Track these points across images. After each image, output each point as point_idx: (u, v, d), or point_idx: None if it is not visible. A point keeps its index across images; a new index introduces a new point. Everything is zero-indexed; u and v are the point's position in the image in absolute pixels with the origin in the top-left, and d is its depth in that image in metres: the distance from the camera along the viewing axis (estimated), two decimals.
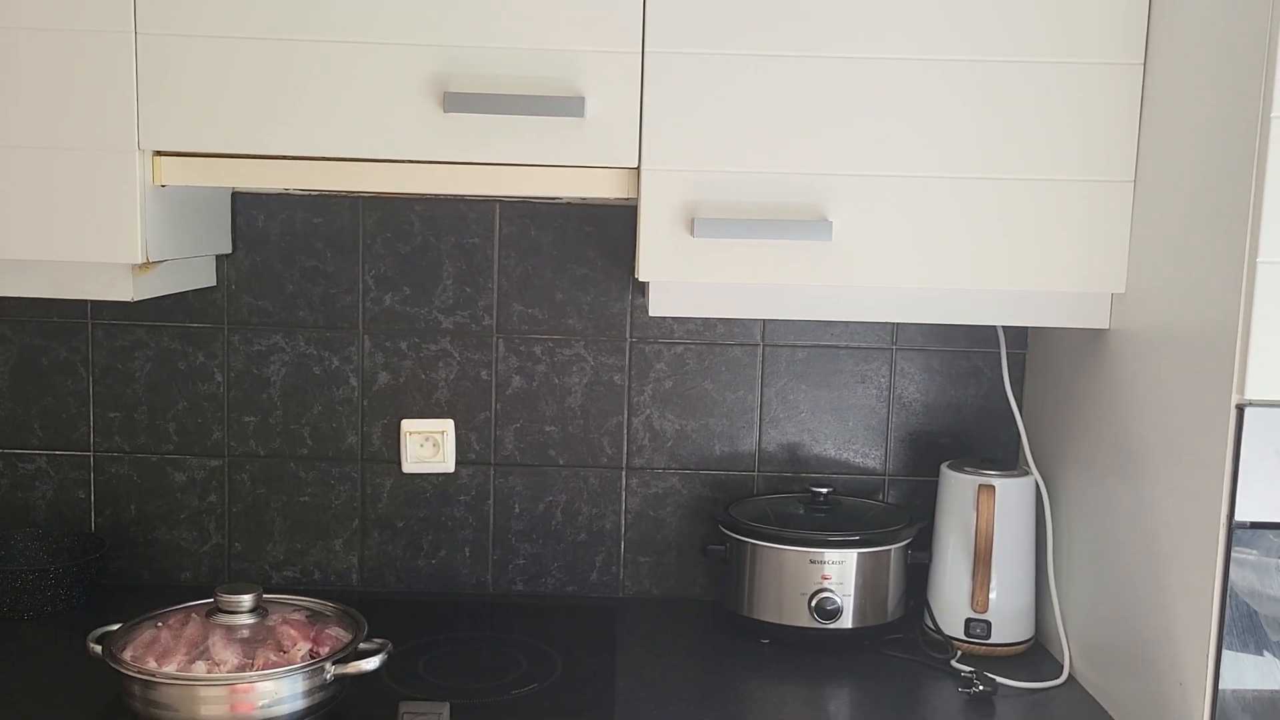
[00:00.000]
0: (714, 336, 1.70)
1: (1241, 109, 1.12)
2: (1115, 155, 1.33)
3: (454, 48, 1.29)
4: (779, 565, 1.53)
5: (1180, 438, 1.22)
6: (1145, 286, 1.31)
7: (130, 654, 1.25)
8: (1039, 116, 1.32)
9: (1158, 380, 1.27)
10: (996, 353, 1.68)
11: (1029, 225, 1.34)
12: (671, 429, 1.71)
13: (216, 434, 1.70)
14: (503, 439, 1.71)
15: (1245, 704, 1.15)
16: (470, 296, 1.68)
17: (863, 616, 1.53)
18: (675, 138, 1.31)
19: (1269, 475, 1.12)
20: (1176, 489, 1.22)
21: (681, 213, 1.32)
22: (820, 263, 1.33)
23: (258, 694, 1.21)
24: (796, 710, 1.36)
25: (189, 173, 1.33)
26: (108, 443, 1.69)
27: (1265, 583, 1.13)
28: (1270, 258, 1.09)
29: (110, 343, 1.68)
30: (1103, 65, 1.31)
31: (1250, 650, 1.14)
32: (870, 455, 1.72)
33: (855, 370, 1.71)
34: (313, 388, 1.69)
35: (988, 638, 1.53)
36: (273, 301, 1.68)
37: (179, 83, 1.29)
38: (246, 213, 1.67)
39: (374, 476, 1.71)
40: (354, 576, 1.73)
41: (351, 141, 1.31)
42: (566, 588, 1.73)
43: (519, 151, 1.31)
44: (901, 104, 1.31)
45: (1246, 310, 1.10)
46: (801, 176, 1.32)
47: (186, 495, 1.71)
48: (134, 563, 1.72)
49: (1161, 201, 1.28)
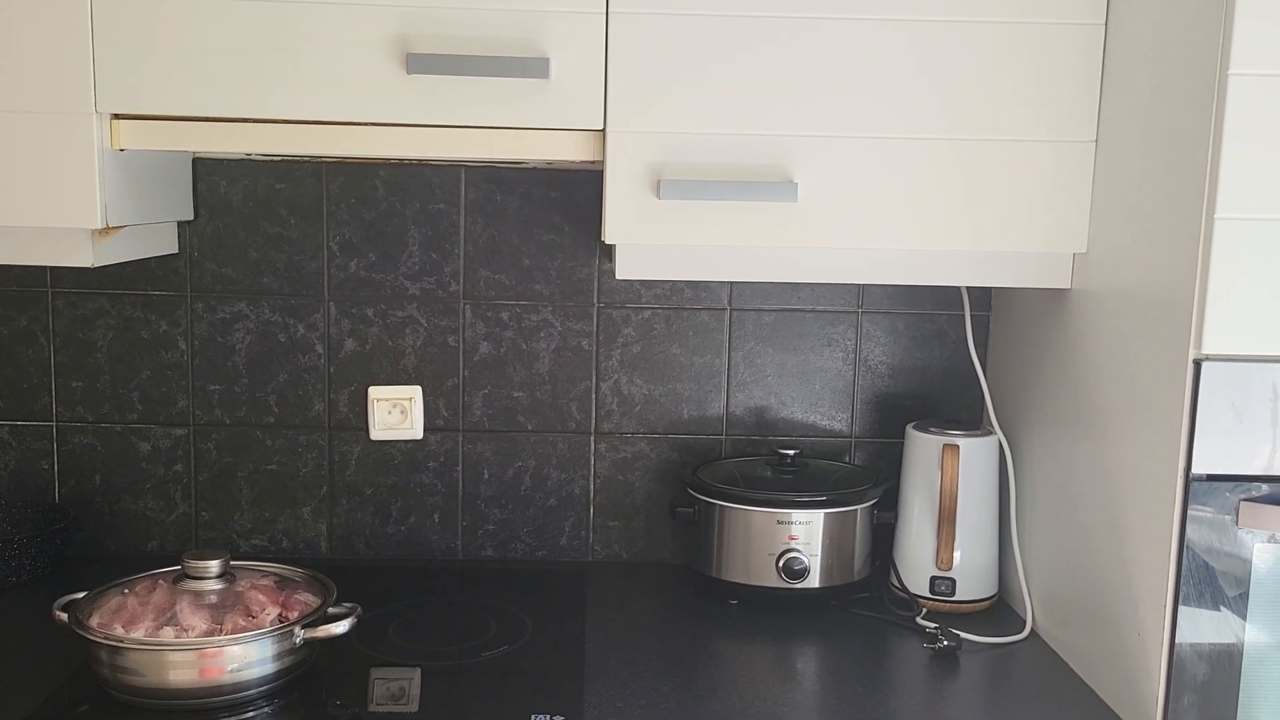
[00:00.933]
0: (681, 301, 1.70)
1: (1200, 67, 1.13)
2: (1077, 116, 1.34)
3: (417, 8, 1.28)
4: (747, 526, 1.55)
5: (1139, 394, 1.24)
6: (1106, 246, 1.33)
7: (97, 621, 1.24)
8: (1001, 77, 1.33)
9: (1118, 338, 1.29)
10: (960, 314, 1.70)
11: (992, 186, 1.35)
12: (639, 394, 1.72)
13: (181, 403, 1.68)
14: (471, 405, 1.71)
15: (1202, 654, 1.17)
16: (436, 263, 1.68)
17: (830, 576, 1.55)
18: (641, 99, 1.31)
19: (1225, 428, 1.14)
20: (1136, 444, 1.24)
21: (647, 175, 1.32)
22: (785, 224, 1.34)
23: (226, 658, 1.21)
24: (765, 669, 1.37)
25: (148, 136, 1.31)
26: (71, 413, 1.68)
27: (1221, 540, 1.16)
28: (1227, 214, 1.11)
29: (71, 311, 1.66)
30: (1064, 25, 1.32)
31: (1207, 605, 1.17)
32: (837, 417, 1.74)
33: (821, 333, 1.72)
34: (278, 355, 1.68)
35: (952, 595, 1.56)
36: (236, 268, 1.66)
37: (136, 44, 1.27)
38: (208, 178, 1.65)
39: (341, 444, 1.70)
40: (323, 544, 1.72)
41: (313, 104, 1.29)
42: (536, 553, 1.74)
43: (483, 114, 1.30)
44: (866, 66, 1.32)
45: (1204, 266, 1.12)
46: (767, 138, 1.32)
47: (152, 465, 1.70)
48: (99, 533, 1.70)
49: (1122, 161, 1.29)
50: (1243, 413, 1.14)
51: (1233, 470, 1.15)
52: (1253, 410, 1.14)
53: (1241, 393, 1.14)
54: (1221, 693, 1.17)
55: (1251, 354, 1.13)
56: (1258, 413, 1.14)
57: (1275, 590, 1.16)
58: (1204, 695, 1.17)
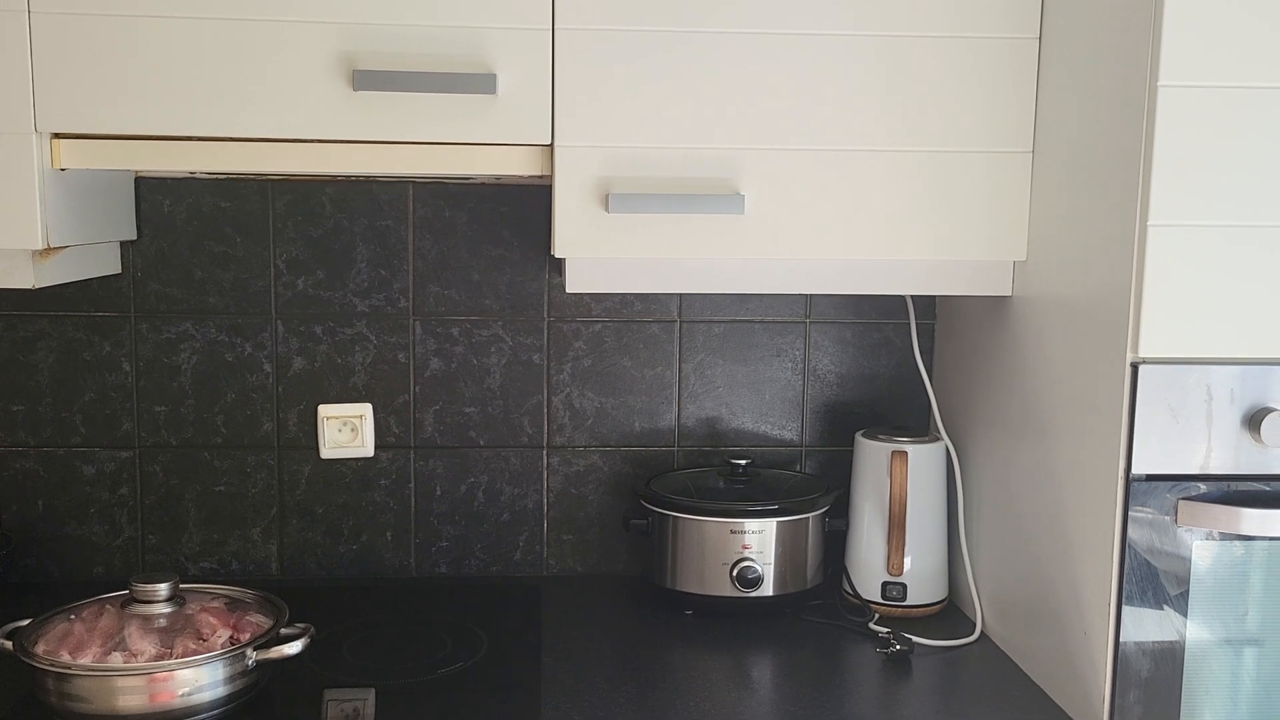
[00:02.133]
0: (631, 314, 1.71)
1: (1131, 79, 1.17)
2: (1014, 127, 1.37)
3: (363, 25, 1.28)
4: (700, 537, 1.56)
5: (1079, 398, 1.27)
6: (1045, 254, 1.36)
7: (43, 648, 1.22)
8: (941, 90, 1.36)
9: (1058, 343, 1.32)
10: (906, 323, 1.73)
11: (934, 196, 1.37)
12: (591, 407, 1.72)
13: (126, 425, 1.66)
14: (422, 421, 1.70)
15: (1146, 652, 1.20)
16: (385, 279, 1.67)
17: (783, 584, 1.56)
18: (588, 114, 1.32)
19: (1162, 429, 1.17)
20: (1077, 447, 1.27)
21: (596, 188, 1.33)
22: (733, 236, 1.35)
23: (177, 682, 1.19)
24: (721, 678, 1.38)
25: (89, 155, 1.29)
26: (11, 437, 1.65)
27: (1161, 539, 1.18)
28: (1159, 221, 1.14)
29: (11, 334, 1.63)
30: (1000, 39, 1.35)
31: (1150, 604, 1.19)
32: (787, 427, 1.75)
33: (770, 344, 1.74)
34: (225, 375, 1.67)
35: (904, 600, 1.58)
36: (181, 288, 1.65)
37: (76, 63, 1.26)
38: (151, 197, 1.63)
39: (291, 463, 1.69)
40: (273, 565, 1.71)
41: (258, 121, 1.29)
42: (490, 568, 1.74)
43: (431, 130, 1.30)
44: (809, 80, 1.34)
45: (1139, 272, 1.15)
46: (713, 151, 1.34)
47: (96, 489, 1.67)
48: (43, 559, 1.67)
49: (1058, 171, 1.32)
50: (1179, 413, 1.17)
51: (1171, 470, 1.18)
52: (1188, 411, 1.17)
53: (1178, 394, 1.17)
54: (1166, 688, 1.20)
55: (1186, 356, 1.17)
56: (1193, 413, 1.17)
57: (1214, 587, 1.19)
58: (1149, 691, 1.20)
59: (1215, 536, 1.18)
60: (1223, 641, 1.20)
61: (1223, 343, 1.16)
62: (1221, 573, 1.19)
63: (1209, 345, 1.16)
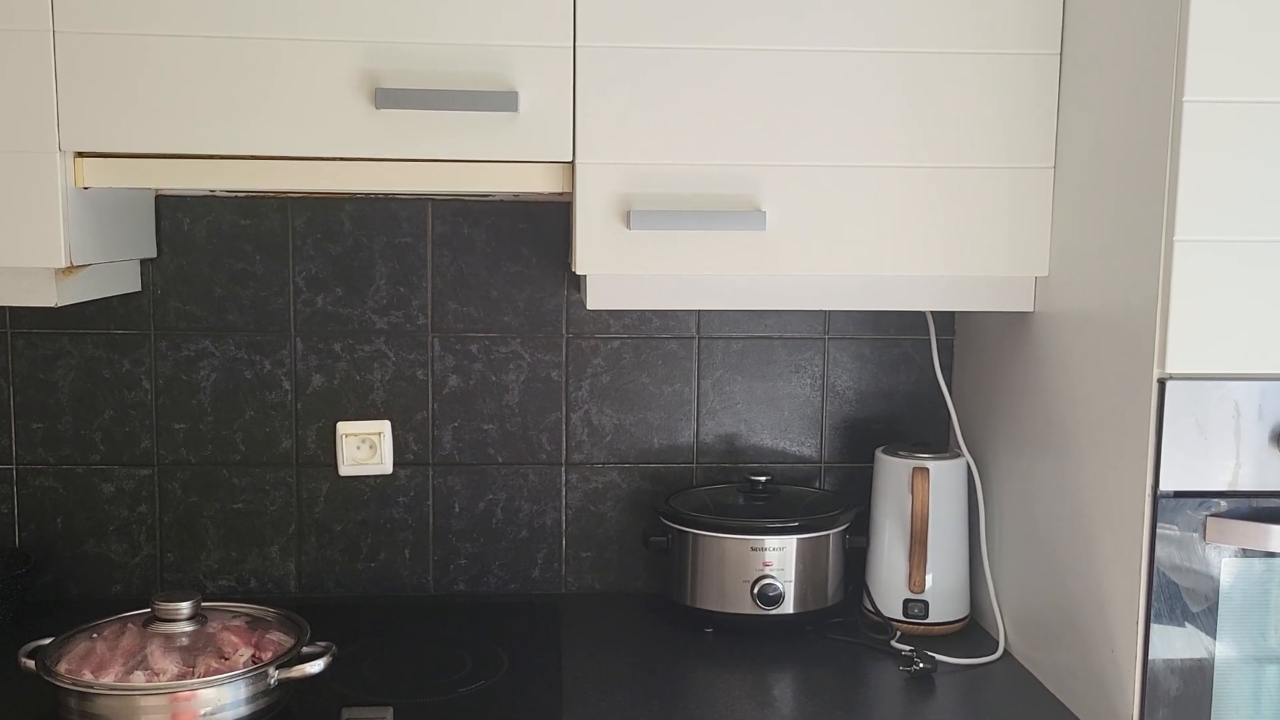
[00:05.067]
0: (650, 330, 1.71)
1: (1155, 93, 1.16)
2: (1035, 142, 1.37)
3: (385, 43, 1.28)
4: (720, 554, 1.55)
5: (1105, 414, 1.26)
6: (1067, 269, 1.35)
7: (65, 667, 1.22)
8: (962, 106, 1.35)
9: (1082, 359, 1.32)
10: (926, 339, 1.72)
11: (955, 212, 1.37)
12: (610, 424, 1.72)
13: (145, 442, 1.66)
14: (441, 439, 1.70)
15: (1174, 669, 1.19)
16: (404, 296, 1.67)
17: (804, 601, 1.55)
18: (609, 131, 1.32)
19: (1189, 446, 1.16)
20: (1103, 463, 1.26)
21: (617, 205, 1.33)
22: (754, 252, 1.35)
23: (200, 702, 1.19)
24: (742, 696, 1.37)
25: (112, 174, 1.30)
26: (31, 455, 1.65)
27: (1189, 556, 1.17)
28: (1186, 236, 1.14)
29: (31, 352, 1.63)
30: (1021, 55, 1.35)
31: (1177, 621, 1.18)
32: (806, 443, 1.75)
33: (789, 360, 1.73)
34: (244, 392, 1.67)
35: (925, 617, 1.57)
36: (200, 306, 1.65)
37: (100, 82, 1.26)
38: (171, 215, 1.63)
39: (310, 480, 1.69)
40: (292, 583, 1.70)
41: (279, 140, 1.29)
42: (509, 586, 1.73)
43: (452, 147, 1.30)
44: (831, 96, 1.34)
45: (1165, 287, 1.15)
46: (734, 168, 1.34)
47: (115, 506, 1.67)
48: (62, 577, 1.67)
49: (1081, 186, 1.32)
50: (1206, 430, 1.16)
51: (1198, 487, 1.17)
52: (1216, 427, 1.16)
53: (1205, 410, 1.16)
54: (1194, 706, 1.19)
55: (1213, 372, 1.16)
56: (1220, 429, 1.16)
57: (1242, 604, 1.18)
58: (1177, 710, 1.19)
59: (1243, 553, 1.17)
60: (1251, 659, 1.19)
61: (1250, 359, 1.16)
62: (1250, 590, 1.18)
63: (1236, 361, 1.16)
